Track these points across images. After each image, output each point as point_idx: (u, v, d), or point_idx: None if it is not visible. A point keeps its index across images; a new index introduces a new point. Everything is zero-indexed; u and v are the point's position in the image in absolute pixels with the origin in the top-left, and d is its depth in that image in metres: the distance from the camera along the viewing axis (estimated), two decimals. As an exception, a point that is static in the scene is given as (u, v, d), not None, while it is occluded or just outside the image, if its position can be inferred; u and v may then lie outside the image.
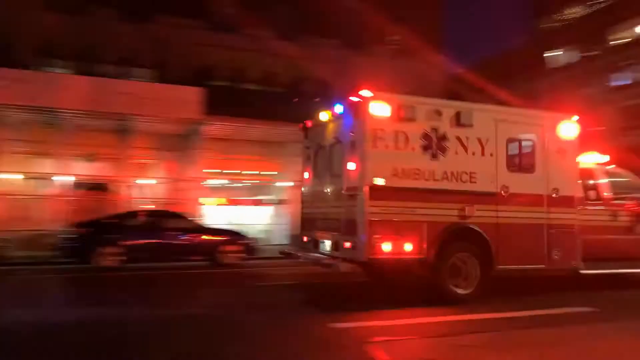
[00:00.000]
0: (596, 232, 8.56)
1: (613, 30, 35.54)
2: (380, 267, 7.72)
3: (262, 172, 22.16)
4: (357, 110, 7.43)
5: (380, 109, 7.29)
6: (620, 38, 35.16)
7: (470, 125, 7.78)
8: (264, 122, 18.33)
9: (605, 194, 9.13)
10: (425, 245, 7.26)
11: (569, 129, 8.54)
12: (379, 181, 7.16)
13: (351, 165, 7.43)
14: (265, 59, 24.82)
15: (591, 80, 35.68)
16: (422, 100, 7.92)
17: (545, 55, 40.82)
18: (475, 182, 7.74)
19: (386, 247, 7.07)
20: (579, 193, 8.61)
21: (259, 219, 21.78)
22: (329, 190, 8.38)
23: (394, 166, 7.28)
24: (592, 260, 8.35)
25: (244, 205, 22.26)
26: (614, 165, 9.88)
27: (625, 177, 9.79)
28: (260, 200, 22.52)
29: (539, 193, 8.18)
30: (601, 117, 34.18)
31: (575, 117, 8.66)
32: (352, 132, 7.57)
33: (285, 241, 19.85)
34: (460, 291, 7.52)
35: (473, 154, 7.79)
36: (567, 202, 8.35)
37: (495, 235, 7.66)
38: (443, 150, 7.59)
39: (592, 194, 8.97)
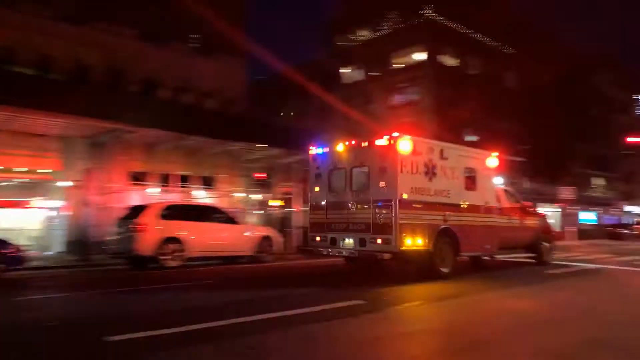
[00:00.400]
0: (502, 230, 13.30)
1: (394, 55, 42.90)
2: (405, 255, 10.56)
3: (35, 170, 19.34)
4: (389, 146, 10.66)
5: (405, 145, 10.71)
6: (399, 63, 42.89)
7: (447, 159, 11.77)
8: (38, 112, 16.13)
9: (504, 204, 13.87)
10: (427, 240, 10.81)
11: (492, 161, 13.34)
12: (405, 195, 10.54)
13: (382, 184, 10.66)
14: (42, 40, 21.84)
15: (376, 97, 42.91)
16: (423, 140, 11.68)
17: (340, 70, 46.80)
18: (449, 197, 11.65)
19: (408, 241, 10.44)
20: (496, 204, 13.27)
21: (29, 224, 19.54)
22: (350, 201, 11.43)
23: (411, 185, 10.75)
24: (501, 248, 13.30)
25: (8, 208, 19.69)
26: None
27: (510, 190, 15.26)
28: (30, 201, 20.12)
29: (479, 204, 12.54)
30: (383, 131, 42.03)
31: (496, 154, 13.52)
32: (383, 160, 10.74)
33: (61, 249, 18.84)
34: (443, 270, 11.24)
35: (448, 178, 11.74)
36: (492, 210, 13.02)
37: (459, 232, 11.60)
38: (434, 175, 11.35)
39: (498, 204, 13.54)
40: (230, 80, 27.90)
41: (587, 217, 57.58)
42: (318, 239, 12.09)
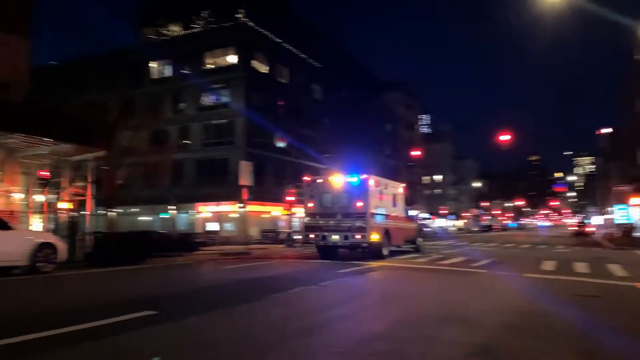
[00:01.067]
0: (406, 230, 23.08)
1: (208, 55, 41.73)
2: (371, 246, 18.91)
3: None
4: (364, 182, 19.53)
5: (372, 182, 19.77)
6: (212, 63, 41.86)
7: (387, 188, 21.54)
8: None
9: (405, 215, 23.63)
10: (381, 236, 19.40)
11: (401, 188, 23.73)
12: (372, 210, 19.12)
13: (360, 203, 19.08)
14: None
15: (187, 96, 41.26)
16: (378, 178, 21.08)
17: (150, 64, 43.69)
18: (387, 211, 20.74)
19: (374, 237, 18.76)
20: (403, 214, 22.94)
21: None
22: (337, 213, 19.61)
23: (374, 204, 19.44)
24: (404, 242, 22.93)
25: None
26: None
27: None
28: None
29: (398, 215, 22.17)
30: (188, 133, 40.15)
31: (404, 185, 24.69)
32: (360, 189, 19.38)
33: None
34: (385, 253, 19.64)
35: (386, 200, 21.11)
36: (404, 219, 23.08)
37: (391, 231, 20.50)
38: (384, 200, 20.71)
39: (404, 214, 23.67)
40: (4, 62, 23.80)
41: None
42: (312, 236, 20.21)
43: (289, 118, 43.87)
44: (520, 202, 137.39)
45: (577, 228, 59.31)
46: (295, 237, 33.56)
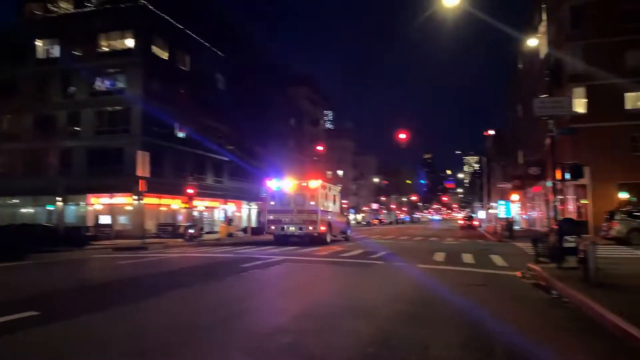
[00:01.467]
0: (341, 223, 30.07)
1: (103, 37, 38.63)
2: (320, 235, 24.64)
3: None
4: (315, 185, 25.32)
5: (321, 185, 25.71)
6: (107, 46, 38.85)
7: (329, 190, 27.72)
8: None
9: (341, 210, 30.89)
10: (327, 227, 25.31)
11: (338, 190, 30.63)
12: (321, 208, 25.03)
13: (312, 202, 24.81)
14: None
15: (78, 80, 37.96)
16: (325, 183, 27.30)
17: (36, 43, 39.50)
18: (330, 208, 27.05)
19: (322, 229, 24.67)
20: (339, 210, 30.02)
21: None
22: (293, 209, 24.85)
23: (322, 203, 25.46)
24: (339, 232, 29.24)
25: None
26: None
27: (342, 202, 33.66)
28: None
29: (336, 212, 28.66)
30: (77, 119, 37.10)
31: (340, 187, 32.90)
32: (312, 191, 25.08)
33: None
34: (328, 240, 25.46)
35: (329, 199, 27.22)
36: (340, 214, 30.05)
37: (332, 223, 26.75)
38: (328, 199, 26.77)
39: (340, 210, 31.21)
40: None
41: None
42: (273, 227, 25.43)
43: (190, 107, 42.32)
44: (414, 197, 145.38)
45: (464, 222, 63.99)
46: (190, 230, 32.64)
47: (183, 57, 42.80)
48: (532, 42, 29.85)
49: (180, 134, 42.07)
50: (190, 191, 34.23)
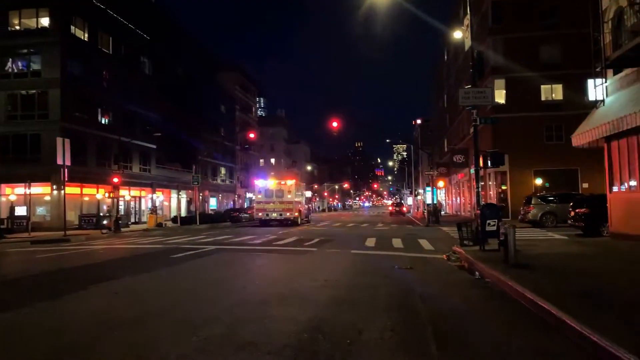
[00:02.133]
0: (307, 209, 43.31)
1: (13, 14, 35.48)
2: (294, 219, 34.30)
3: None
4: (290, 183, 35.39)
5: (295, 184, 36.27)
6: (19, 24, 35.78)
7: (299, 187, 38.60)
8: None
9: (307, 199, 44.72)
10: (298, 214, 35.44)
11: (304, 186, 46.64)
12: (297, 199, 35.46)
13: (289, 195, 34.51)
14: None
15: None
16: (299, 182, 40.55)
17: None
18: (301, 199, 37.88)
19: (295, 214, 34.60)
20: (306, 200, 44.43)
21: None
22: (276, 200, 34.33)
23: (296, 195, 35.58)
24: (305, 217, 39.58)
25: None
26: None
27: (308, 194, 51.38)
28: None
29: (302, 202, 38.72)
30: None
31: (304, 184, 48.56)
32: (288, 187, 34.96)
33: None
34: (300, 222, 35.82)
35: (299, 193, 37.75)
36: (305, 204, 41.74)
37: (303, 211, 37.91)
38: (298, 194, 36.51)
39: (308, 199, 49.13)
40: None
41: (213, 203, 63.53)
42: (260, 214, 34.57)
43: (114, 92, 40.22)
44: (346, 185, 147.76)
45: (394, 208, 66.02)
46: (104, 222, 31.18)
47: (105, 38, 40.53)
48: (457, 34, 31.08)
49: (104, 120, 39.97)
50: (115, 180, 32.74)
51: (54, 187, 33.70)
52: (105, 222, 31.74)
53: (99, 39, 39.58)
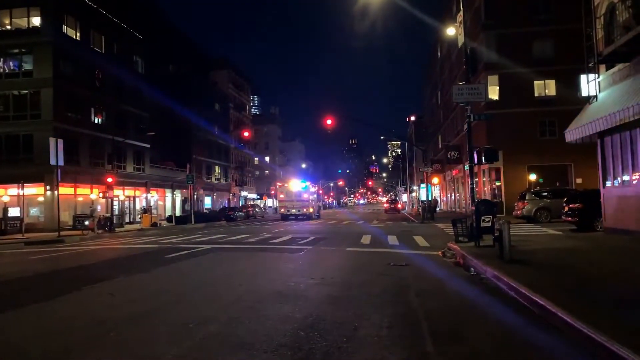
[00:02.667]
0: (318, 207, 54.26)
1: (3, 13, 35.11)
2: (310, 214, 43.14)
3: None
4: (307, 185, 45.44)
5: (310, 185, 47.39)
6: (8, 23, 35.42)
7: (312, 187, 47.36)
8: None
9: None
10: (313, 209, 44.26)
11: (316, 187, 55.09)
12: (311, 199, 44.72)
13: (305, 195, 44.07)
14: None
15: None
16: (310, 183, 48.27)
17: None
18: (313, 198, 46.26)
19: (311, 210, 43.64)
20: (316, 199, 52.52)
21: None
22: (294, 199, 43.45)
23: (310, 195, 45.07)
24: (317, 213, 48.42)
25: None
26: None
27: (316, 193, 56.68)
28: None
29: (315, 200, 47.46)
30: None
31: (316, 184, 59.71)
32: (306, 188, 44.79)
33: None
34: (314, 216, 44.29)
35: (313, 192, 46.93)
36: (316, 202, 50.04)
37: (314, 207, 45.45)
38: (312, 193, 45.95)
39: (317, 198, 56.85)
40: None
41: (207, 201, 63.39)
42: (282, 210, 43.61)
43: (107, 91, 40.02)
44: (341, 182, 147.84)
45: (388, 205, 66.11)
46: (85, 222, 30.83)
47: (98, 38, 40.30)
48: (450, 31, 31.14)
49: (97, 120, 39.76)
50: (109, 180, 32.61)
51: (48, 187, 33.52)
52: (87, 222, 31.22)
53: (91, 38, 39.36)
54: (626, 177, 14.81)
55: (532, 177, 34.05)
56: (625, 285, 7.18)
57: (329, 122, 31.78)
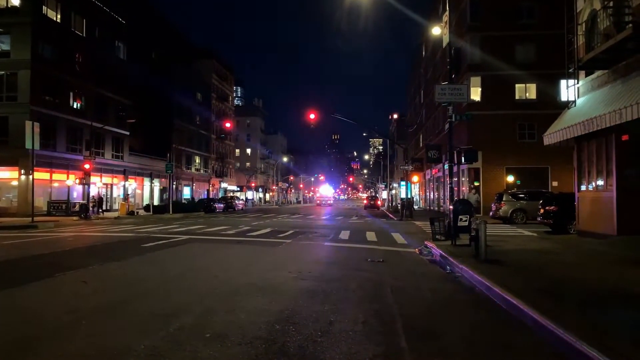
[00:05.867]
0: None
1: None
2: (331, 204, 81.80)
3: None
4: (331, 188, 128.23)
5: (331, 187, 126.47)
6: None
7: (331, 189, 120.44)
8: None
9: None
10: (332, 202, 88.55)
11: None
12: (331, 196, 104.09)
13: (329, 194, 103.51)
14: None
15: None
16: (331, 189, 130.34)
17: None
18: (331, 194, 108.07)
19: (331, 202, 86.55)
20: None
21: None
22: (324, 195, 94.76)
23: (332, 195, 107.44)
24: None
25: None
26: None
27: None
28: None
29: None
30: None
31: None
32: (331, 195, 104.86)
33: None
34: (327, 204, 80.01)
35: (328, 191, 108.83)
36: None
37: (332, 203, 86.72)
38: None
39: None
40: None
41: (186, 192, 62.79)
42: (318, 202, 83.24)
43: (87, 76, 39.20)
44: (322, 177, 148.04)
45: (368, 201, 66.35)
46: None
47: (79, 21, 39.44)
48: (435, 30, 31.33)
49: (76, 105, 38.97)
50: (86, 166, 32.05)
51: (22, 171, 32.78)
52: (76, 208, 30.61)
53: (72, 21, 38.50)
54: (600, 182, 15.13)
55: (510, 178, 34.55)
56: (594, 285, 7.34)
57: (312, 116, 31.62)
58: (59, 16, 36.93)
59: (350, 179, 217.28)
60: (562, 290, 6.95)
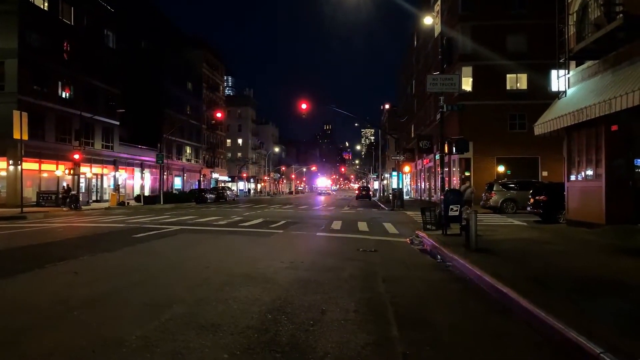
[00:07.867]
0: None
1: None
2: (330, 194, 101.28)
3: None
4: (329, 181, 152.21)
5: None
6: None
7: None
8: None
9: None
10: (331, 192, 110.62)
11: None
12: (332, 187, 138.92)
13: (330, 185, 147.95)
14: None
15: None
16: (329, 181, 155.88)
17: None
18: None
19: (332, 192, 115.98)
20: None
21: None
22: (324, 187, 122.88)
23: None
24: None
25: None
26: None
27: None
28: None
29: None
30: None
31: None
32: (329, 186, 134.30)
33: None
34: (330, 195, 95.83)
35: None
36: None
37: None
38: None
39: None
40: None
41: (177, 182, 62.52)
42: (319, 192, 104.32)
43: (76, 65, 38.72)
44: (313, 168, 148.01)
45: (360, 192, 66.52)
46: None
47: (67, 9, 38.85)
48: (427, 20, 31.25)
49: (65, 94, 38.51)
50: (76, 156, 31.78)
51: (10, 162, 32.40)
52: (66, 199, 30.32)
53: (60, 9, 37.91)
54: (590, 172, 15.27)
55: (501, 168, 34.75)
56: (582, 273, 7.43)
57: (303, 106, 31.41)
58: (46, 4, 36.36)
59: (342, 169, 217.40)
60: (552, 279, 7.03)
